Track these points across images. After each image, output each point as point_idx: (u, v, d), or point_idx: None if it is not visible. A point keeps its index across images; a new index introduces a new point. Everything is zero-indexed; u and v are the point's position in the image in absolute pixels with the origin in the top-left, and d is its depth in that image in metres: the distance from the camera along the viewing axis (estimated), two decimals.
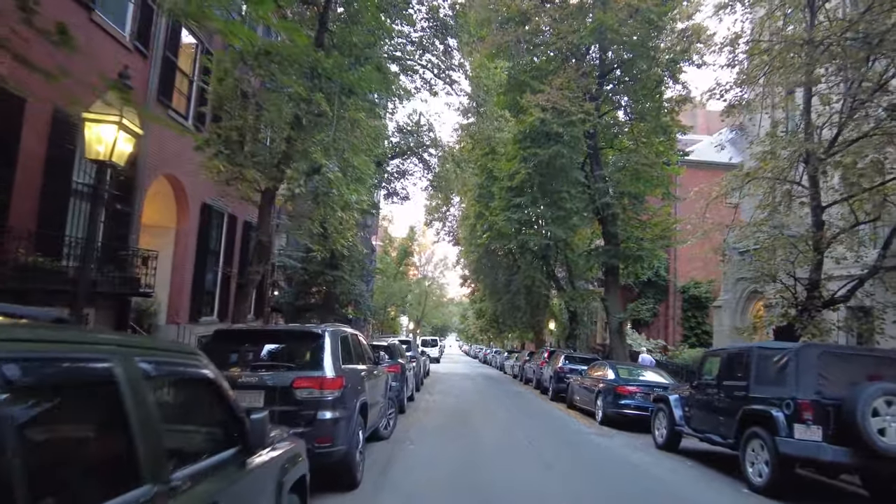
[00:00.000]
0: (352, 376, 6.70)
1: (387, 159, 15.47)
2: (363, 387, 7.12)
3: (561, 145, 17.84)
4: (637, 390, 13.04)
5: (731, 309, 20.85)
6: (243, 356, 6.32)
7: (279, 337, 6.56)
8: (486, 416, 13.71)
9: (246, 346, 6.46)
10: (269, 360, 6.27)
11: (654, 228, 21.21)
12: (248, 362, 6.20)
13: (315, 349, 6.21)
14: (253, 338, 6.57)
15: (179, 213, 13.93)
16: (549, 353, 23.68)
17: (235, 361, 6.23)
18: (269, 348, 6.40)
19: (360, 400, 6.77)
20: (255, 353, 6.37)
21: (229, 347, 6.44)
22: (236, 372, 5.96)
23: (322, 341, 6.27)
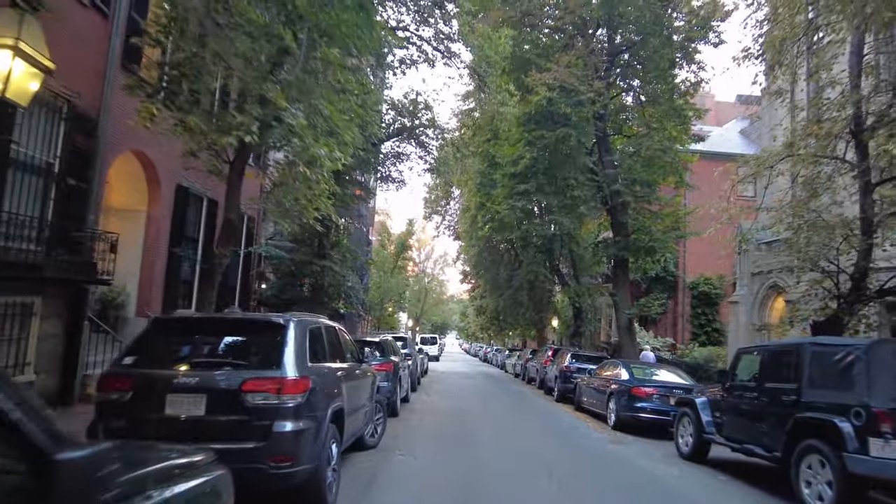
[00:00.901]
0: (323, 377, 5.46)
1: (381, 132, 14.17)
2: (339, 389, 5.87)
3: (569, 127, 16.56)
4: (654, 392, 11.79)
5: (748, 305, 19.59)
6: (185, 351, 5.07)
7: (231, 328, 5.30)
8: (486, 420, 12.47)
9: (190, 338, 5.21)
10: (216, 356, 5.03)
11: (665, 219, 19.97)
12: (189, 359, 4.95)
13: (274, 344, 4.96)
14: (199, 328, 5.31)
15: (151, 194, 12.68)
16: (554, 351, 22.47)
17: (175, 357, 4.98)
18: (218, 342, 5.15)
19: (334, 406, 5.52)
20: (199, 348, 5.13)
21: (170, 340, 5.19)
22: (173, 371, 4.71)
23: (284, 334, 5.02)
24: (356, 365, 7.30)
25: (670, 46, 18.54)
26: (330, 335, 6.39)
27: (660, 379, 12.66)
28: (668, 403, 11.62)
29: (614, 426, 12.27)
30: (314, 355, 5.50)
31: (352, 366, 7.01)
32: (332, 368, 5.91)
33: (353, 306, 16.40)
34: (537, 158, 17.14)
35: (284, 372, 4.77)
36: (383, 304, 36.89)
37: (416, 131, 15.18)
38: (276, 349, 4.92)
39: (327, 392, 5.45)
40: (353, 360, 7.50)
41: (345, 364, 6.68)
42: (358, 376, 7.12)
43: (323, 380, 5.43)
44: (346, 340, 7.31)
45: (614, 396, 12.51)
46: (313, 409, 4.99)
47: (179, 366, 4.80)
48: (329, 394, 5.49)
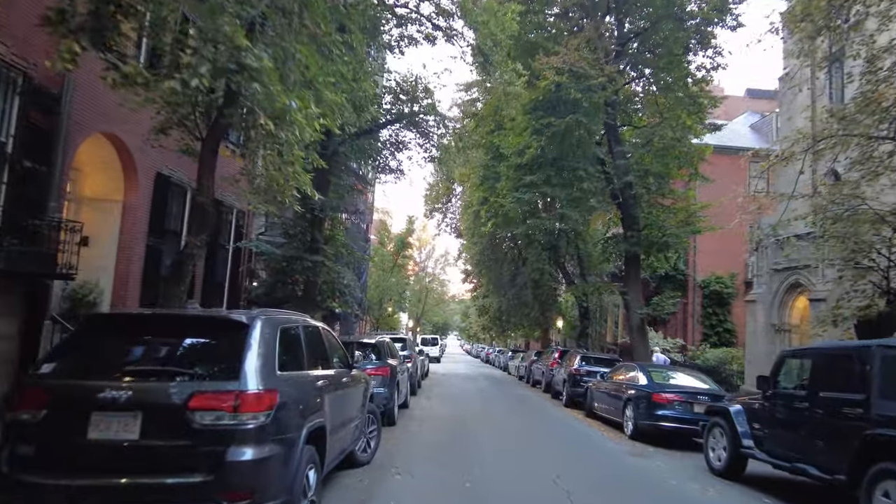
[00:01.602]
0: (298, 388, 4.44)
1: (378, 113, 13.12)
2: (320, 402, 4.85)
3: (579, 114, 15.51)
4: (676, 398, 10.75)
5: (767, 304, 18.52)
6: (122, 357, 4.04)
7: (183, 328, 4.25)
8: (492, 429, 11.43)
9: (131, 341, 4.17)
10: (159, 363, 4.00)
11: (678, 214, 18.94)
12: (125, 366, 3.92)
13: (234, 348, 3.94)
14: (144, 329, 4.27)
15: (127, 183, 11.65)
16: (561, 352, 21.42)
17: (108, 365, 3.96)
18: (165, 346, 4.12)
19: (313, 423, 4.50)
20: (141, 353, 4.10)
21: (105, 343, 4.16)
22: (100, 383, 3.67)
23: (247, 336, 4.00)
24: (344, 371, 6.27)
25: (684, 30, 17.53)
26: (311, 337, 5.37)
27: (682, 384, 11.61)
28: (692, 411, 10.60)
29: (632, 435, 11.23)
30: (288, 361, 4.47)
31: (339, 372, 5.99)
32: (311, 377, 4.88)
33: (348, 305, 15.36)
34: (545, 148, 16.09)
35: (244, 384, 3.74)
36: (382, 303, 35.78)
37: (417, 118, 14.10)
38: (235, 355, 3.89)
39: (303, 407, 4.42)
40: (343, 365, 6.48)
41: (330, 371, 5.66)
42: (346, 385, 6.09)
43: (297, 392, 4.40)
44: (332, 343, 6.28)
45: (632, 403, 11.47)
46: (282, 429, 3.97)
47: (111, 375, 3.76)
48: (305, 409, 4.46)
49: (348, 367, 6.59)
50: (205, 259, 14.73)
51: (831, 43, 10.24)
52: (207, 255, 14.83)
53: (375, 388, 10.28)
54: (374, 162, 14.89)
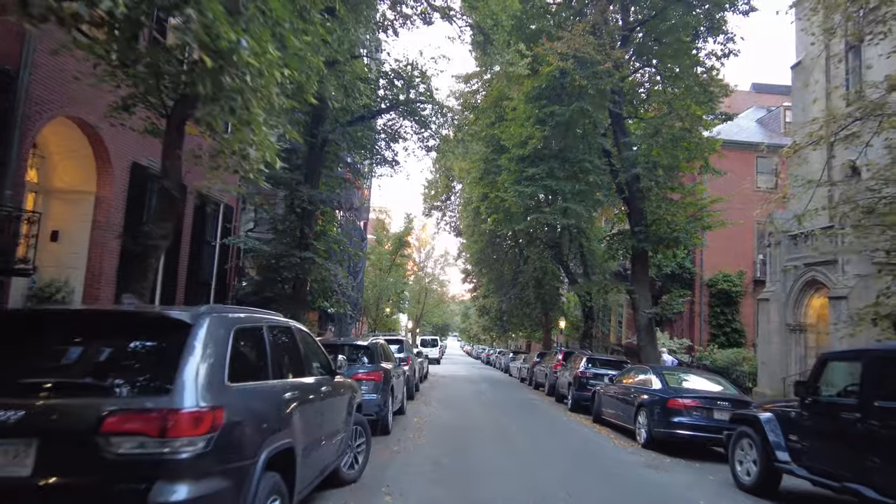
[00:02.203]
0: (255, 403, 3.59)
1: (370, 95, 12.28)
2: (287, 419, 4.00)
3: (585, 102, 14.67)
4: (694, 404, 9.89)
5: (780, 302, 17.69)
6: (21, 364, 3.18)
7: (107, 328, 3.39)
8: (493, 437, 10.57)
9: (38, 343, 3.30)
10: (66, 373, 3.15)
11: (688, 208, 18.08)
12: (21, 377, 3.06)
13: (169, 353, 3.09)
14: (57, 328, 3.39)
15: (100, 173, 10.82)
16: (565, 353, 20.56)
17: (1, 375, 3.09)
18: (80, 351, 3.27)
19: (275, 446, 3.64)
20: (47, 360, 3.24)
21: (4, 346, 3.29)
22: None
23: (188, 338, 3.15)
24: (325, 379, 5.42)
25: (693, 15, 16.69)
26: (280, 339, 4.52)
27: (699, 388, 10.75)
28: (712, 418, 9.75)
29: (645, 444, 10.38)
30: (245, 370, 3.63)
31: (318, 381, 5.14)
32: (276, 388, 4.02)
33: (341, 305, 14.52)
34: (548, 138, 15.24)
35: (178, 399, 2.89)
36: (380, 304, 34.89)
37: (413, 105, 13.25)
38: (170, 362, 3.04)
39: (264, 425, 3.57)
40: (324, 372, 5.64)
41: (306, 379, 4.81)
42: (327, 395, 5.23)
43: (255, 407, 3.55)
44: (310, 347, 5.42)
45: (645, 409, 10.62)
46: (231, 455, 3.12)
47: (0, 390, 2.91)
48: (266, 428, 3.61)
49: (330, 374, 5.74)
50: (189, 256, 13.98)
51: (847, 33, 9.36)
52: (191, 252, 14.05)
53: (367, 394, 9.45)
54: (370, 152, 14.01)
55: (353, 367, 9.77)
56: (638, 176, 16.65)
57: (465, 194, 28.80)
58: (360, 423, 6.69)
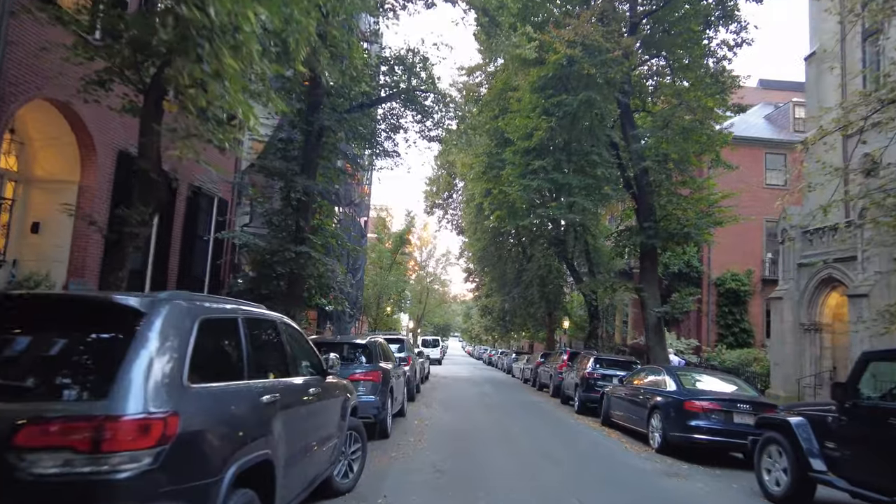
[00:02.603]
0: (222, 408, 3.01)
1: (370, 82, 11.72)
2: (265, 426, 3.42)
3: (593, 91, 14.08)
4: (713, 407, 9.29)
5: (794, 301, 17.08)
6: None
7: (44, 316, 2.81)
8: (499, 443, 9.98)
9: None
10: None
11: (699, 203, 17.50)
12: None
13: (114, 348, 2.52)
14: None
15: (83, 162, 10.25)
16: (570, 354, 19.97)
17: None
18: (5, 344, 2.68)
19: (248, 458, 3.07)
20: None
21: None
22: None
23: (140, 329, 2.58)
24: (314, 380, 4.85)
25: (704, 4, 16.11)
26: (259, 334, 3.95)
27: (716, 390, 10.15)
28: (732, 421, 9.17)
29: (659, 449, 9.79)
30: (212, 368, 3.07)
31: (306, 382, 4.57)
32: (253, 390, 3.44)
33: (340, 303, 13.94)
34: (555, 129, 14.64)
35: (117, 404, 2.32)
36: (381, 303, 34.27)
37: (414, 93, 12.68)
38: (112, 358, 2.46)
39: (232, 434, 3.00)
40: (315, 371, 5.07)
41: (293, 380, 4.24)
42: (315, 398, 4.65)
43: (222, 413, 2.98)
44: (298, 343, 4.85)
45: (659, 412, 10.03)
46: (189, 472, 2.54)
47: None
48: (237, 437, 3.04)
49: (322, 375, 5.17)
50: (181, 251, 13.42)
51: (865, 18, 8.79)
52: (183, 247, 13.49)
53: (364, 395, 8.88)
54: (369, 143, 13.41)
55: (349, 367, 9.21)
56: (647, 169, 16.08)
57: (468, 191, 28.22)
58: (354, 428, 6.11)
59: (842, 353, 15.93)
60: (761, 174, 27.98)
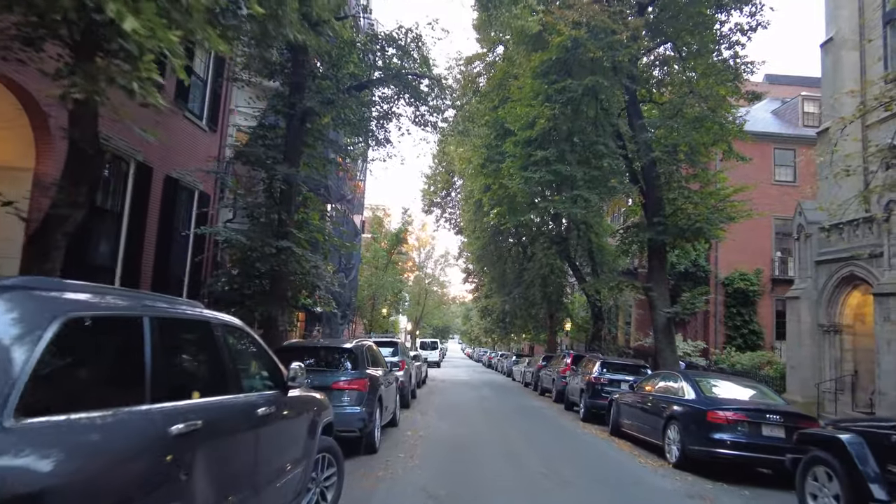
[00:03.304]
0: (86, 455, 2.01)
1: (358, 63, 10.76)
2: (178, 470, 2.44)
3: (600, 76, 13.12)
4: (739, 418, 8.30)
5: (812, 301, 16.10)
6: None
7: None
8: (501, 459, 8.98)
9: None
10: None
11: (710, 197, 16.55)
12: None
13: None
14: None
15: (39, 147, 9.24)
16: (574, 356, 19.01)
17: None
18: None
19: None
20: None
21: None
22: None
23: None
24: (268, 397, 3.86)
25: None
26: (178, 338, 2.96)
27: (740, 398, 9.17)
28: (760, 434, 8.19)
29: (677, 464, 8.81)
30: (82, 391, 2.09)
31: (252, 401, 3.58)
32: (150, 420, 2.44)
33: (328, 304, 12.95)
34: (558, 117, 13.66)
35: None
36: (376, 304, 33.24)
37: (407, 77, 11.71)
38: None
39: (104, 491, 2.01)
40: (274, 385, 4.09)
41: (231, 398, 3.26)
42: (267, 420, 3.67)
43: (85, 461, 1.99)
44: (247, 352, 3.87)
45: (677, 422, 9.05)
46: None
47: None
48: (116, 494, 2.05)
49: (281, 389, 4.19)
50: (156, 249, 12.43)
51: None
52: (159, 244, 12.49)
53: (349, 406, 7.93)
54: (359, 130, 12.41)
55: (332, 375, 8.25)
56: (655, 161, 15.13)
57: (467, 187, 27.25)
58: (328, 450, 5.13)
59: (864, 355, 14.96)
60: (770, 170, 27.05)
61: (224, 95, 15.68)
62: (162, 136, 12.03)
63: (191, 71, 13.68)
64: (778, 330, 26.44)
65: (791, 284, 26.16)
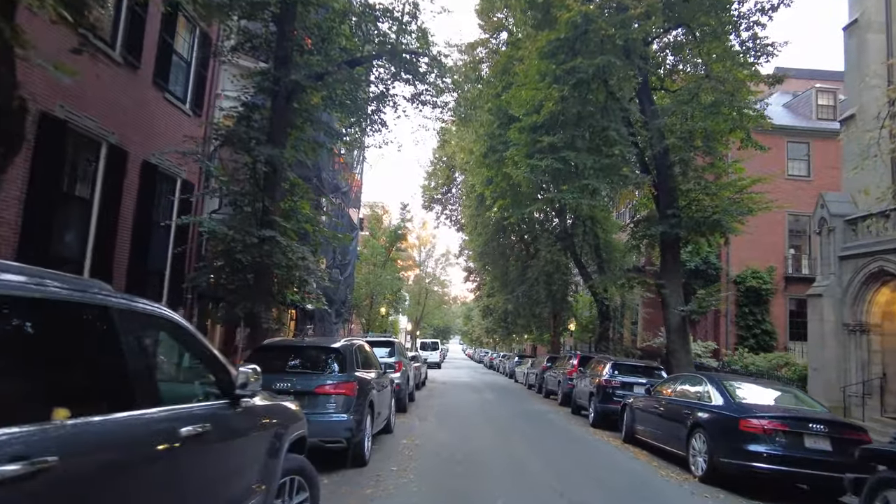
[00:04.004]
0: None
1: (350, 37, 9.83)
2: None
3: (612, 55, 12.16)
4: (778, 427, 7.33)
5: (836, 298, 15.12)
6: None
7: None
8: (506, 473, 8.00)
9: None
10: None
11: (726, 189, 15.60)
12: None
13: None
14: None
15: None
16: (581, 357, 18.06)
17: None
18: None
19: None
20: None
21: None
22: None
23: None
24: (210, 409, 2.91)
25: None
26: (35, 328, 2.00)
27: (777, 404, 8.21)
28: (802, 446, 7.21)
29: (705, 478, 7.85)
30: None
31: (174, 415, 2.62)
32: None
33: (318, 300, 11.98)
34: (567, 99, 12.70)
35: None
36: (374, 303, 32.19)
37: (404, 55, 10.77)
38: None
39: None
40: (222, 394, 3.14)
41: (136, 413, 2.30)
42: (203, 442, 2.71)
43: None
44: (173, 349, 2.92)
45: (703, 431, 8.09)
46: None
47: None
48: None
49: (229, 398, 3.23)
50: (132, 238, 11.48)
51: None
52: (136, 233, 11.53)
53: (334, 414, 6.99)
54: (351, 111, 11.43)
55: (316, 378, 7.31)
56: (668, 149, 14.17)
57: (468, 182, 26.29)
58: (298, 471, 4.17)
59: (894, 357, 14.00)
60: (783, 164, 26.02)
61: (210, 78, 14.75)
62: (131, 114, 11.10)
63: (172, 50, 12.80)
64: (792, 330, 25.44)
65: (806, 283, 25.26)
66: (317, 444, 6.93)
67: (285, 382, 6.98)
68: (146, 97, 11.68)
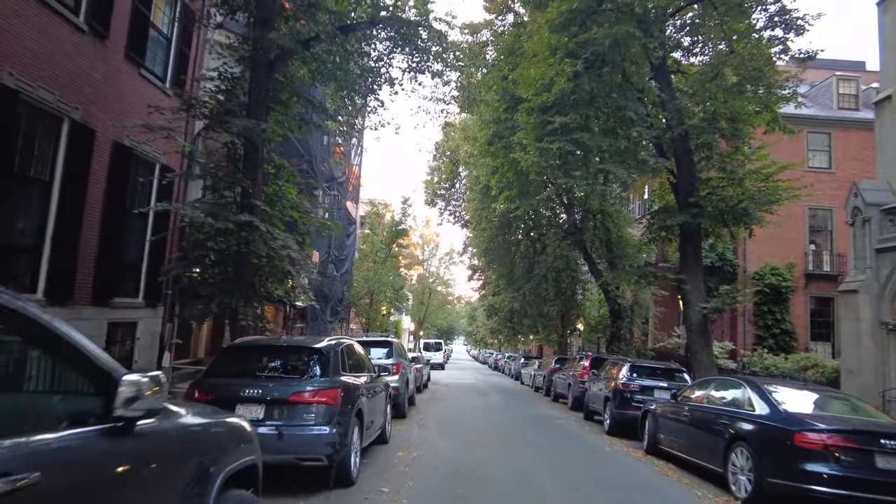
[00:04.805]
0: None
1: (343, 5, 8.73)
2: None
3: (630, 25, 11.02)
4: (842, 443, 6.15)
5: (873, 295, 13.88)
6: None
7: None
8: (518, 494, 6.85)
9: None
10: None
11: (752, 176, 14.43)
12: None
13: None
14: None
15: None
16: (593, 359, 16.91)
17: None
18: None
19: None
20: None
21: None
22: None
23: None
24: (61, 442, 1.79)
25: None
26: None
27: (837, 415, 7.03)
28: (873, 466, 6.04)
29: (750, 500, 6.69)
30: None
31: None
32: None
33: (306, 296, 10.85)
34: (580, 75, 11.54)
35: None
36: (374, 302, 31.01)
37: (401, 23, 9.64)
38: None
39: None
40: (82, 412, 2.00)
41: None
42: (34, 497, 1.59)
43: None
44: (19, 345, 1.79)
45: (746, 445, 6.94)
46: None
47: None
48: None
49: (104, 420, 2.10)
50: (100, 226, 10.38)
51: None
52: (106, 221, 10.38)
53: (314, 427, 5.89)
54: (343, 84, 10.27)
55: (291, 384, 6.18)
56: (688, 132, 13.02)
57: (473, 174, 25.14)
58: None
59: None
60: (803, 155, 24.78)
61: (194, 57, 13.67)
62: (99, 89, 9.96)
63: (149, 22, 11.72)
64: (813, 330, 24.24)
65: (828, 280, 24.06)
66: (292, 462, 5.85)
67: (255, 389, 5.88)
68: (117, 71, 10.58)
